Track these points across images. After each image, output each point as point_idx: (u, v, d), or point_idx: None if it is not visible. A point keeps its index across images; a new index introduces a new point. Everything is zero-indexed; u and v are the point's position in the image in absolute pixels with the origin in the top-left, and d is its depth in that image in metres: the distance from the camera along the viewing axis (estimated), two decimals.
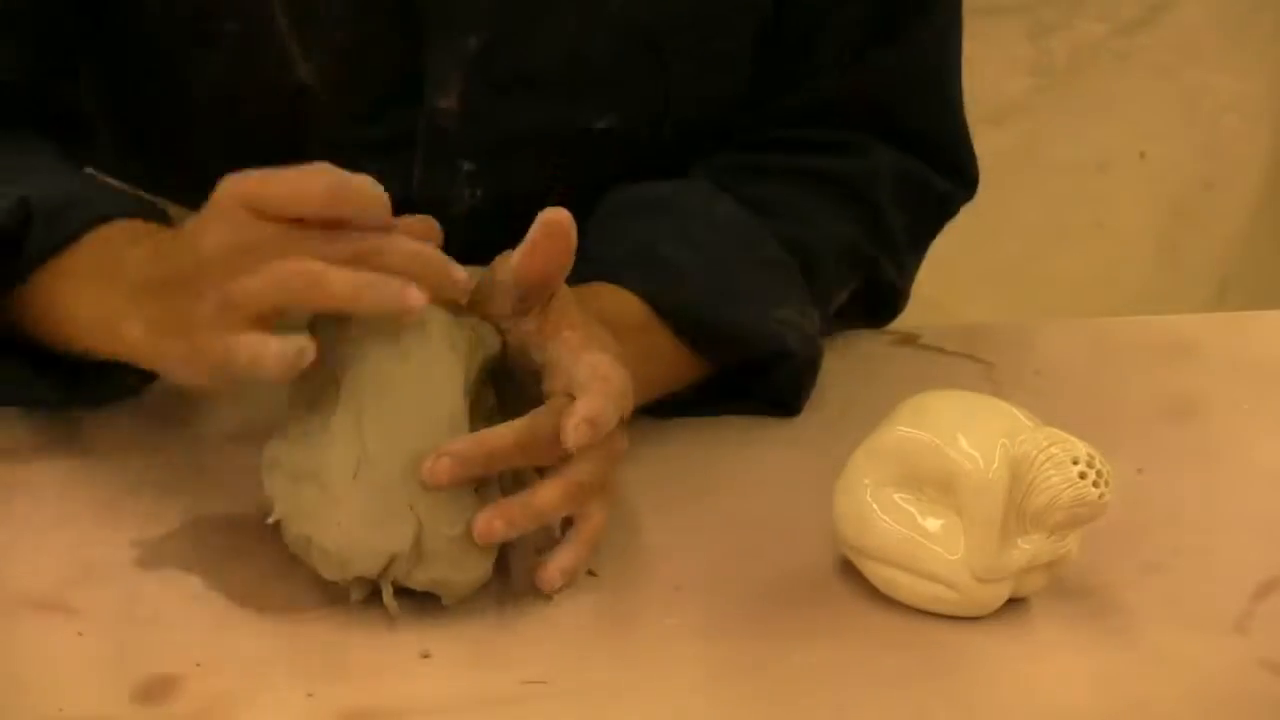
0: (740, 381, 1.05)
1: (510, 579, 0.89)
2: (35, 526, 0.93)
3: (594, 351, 0.89)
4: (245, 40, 1.05)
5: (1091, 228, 2.28)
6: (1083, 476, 0.85)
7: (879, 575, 0.89)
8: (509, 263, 0.90)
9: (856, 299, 1.12)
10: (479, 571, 0.87)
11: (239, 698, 0.82)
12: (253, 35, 1.05)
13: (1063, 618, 0.89)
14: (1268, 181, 2.31)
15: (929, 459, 0.87)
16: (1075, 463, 0.86)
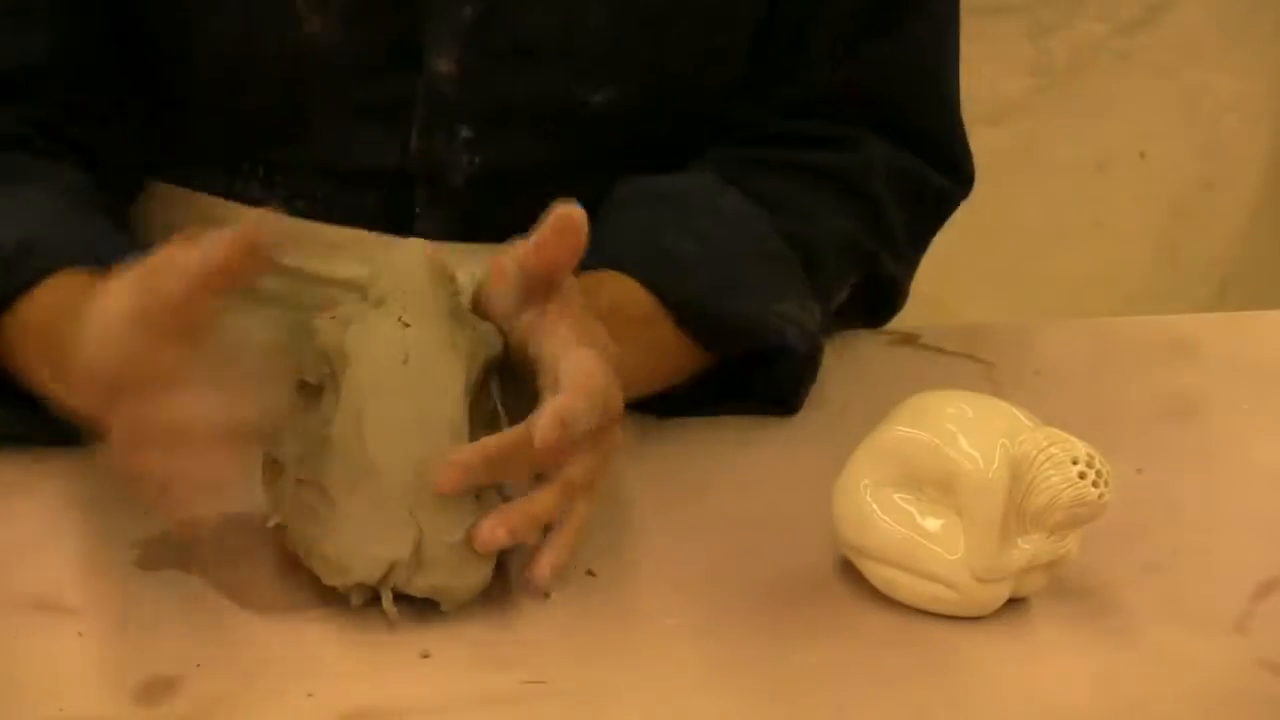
0: (740, 378, 1.05)
1: (509, 580, 0.89)
2: (35, 526, 0.93)
3: (582, 348, 0.88)
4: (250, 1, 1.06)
5: (1091, 228, 2.28)
6: (1082, 476, 0.85)
7: (879, 575, 0.89)
8: (515, 253, 0.90)
9: (857, 296, 1.13)
10: (478, 577, 0.87)
11: (239, 698, 0.82)
12: None
13: (1063, 618, 0.89)
14: (1268, 181, 2.31)
15: (929, 459, 0.87)
16: (1075, 463, 0.86)
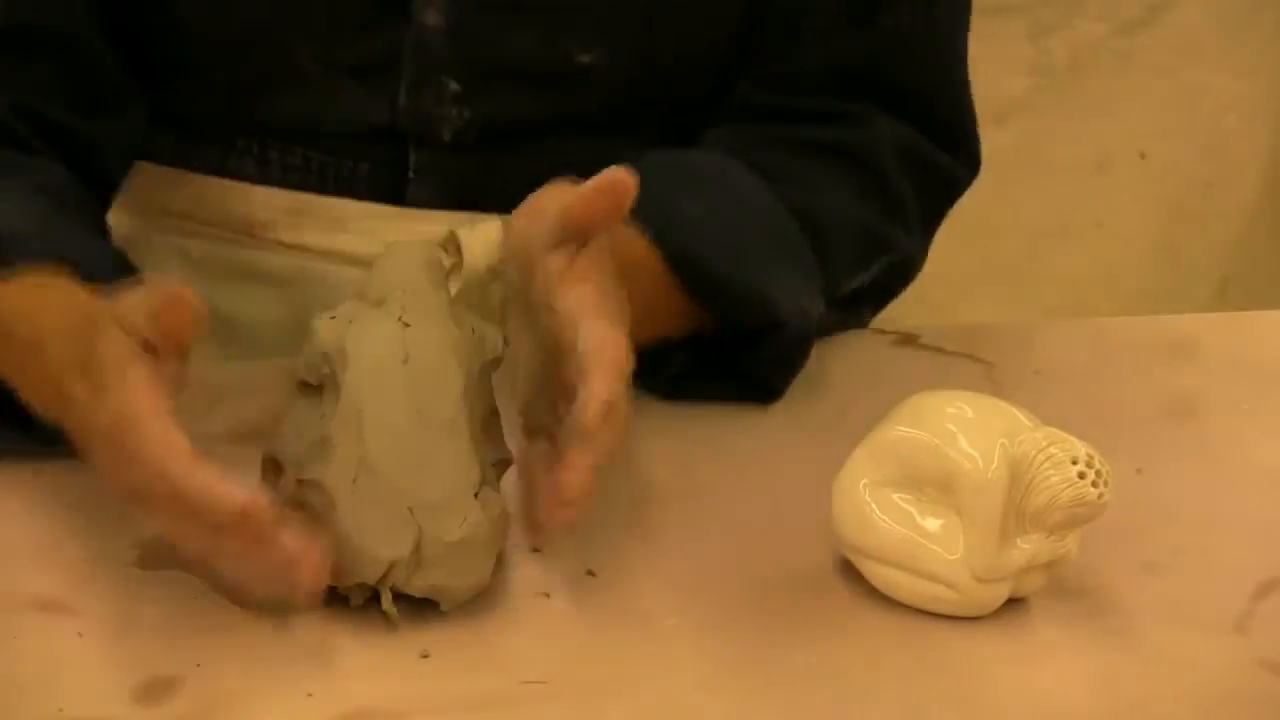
0: (727, 354, 1.04)
1: (509, 580, 0.89)
2: (35, 527, 0.93)
3: (602, 321, 0.87)
4: None
5: (1091, 228, 2.28)
6: (1082, 476, 0.85)
7: (879, 575, 0.89)
8: (559, 195, 0.90)
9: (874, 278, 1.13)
10: (477, 577, 0.87)
11: (239, 698, 0.82)
12: None
13: (1062, 618, 0.89)
14: (1268, 181, 2.31)
15: (928, 459, 0.87)
16: (1074, 463, 0.86)
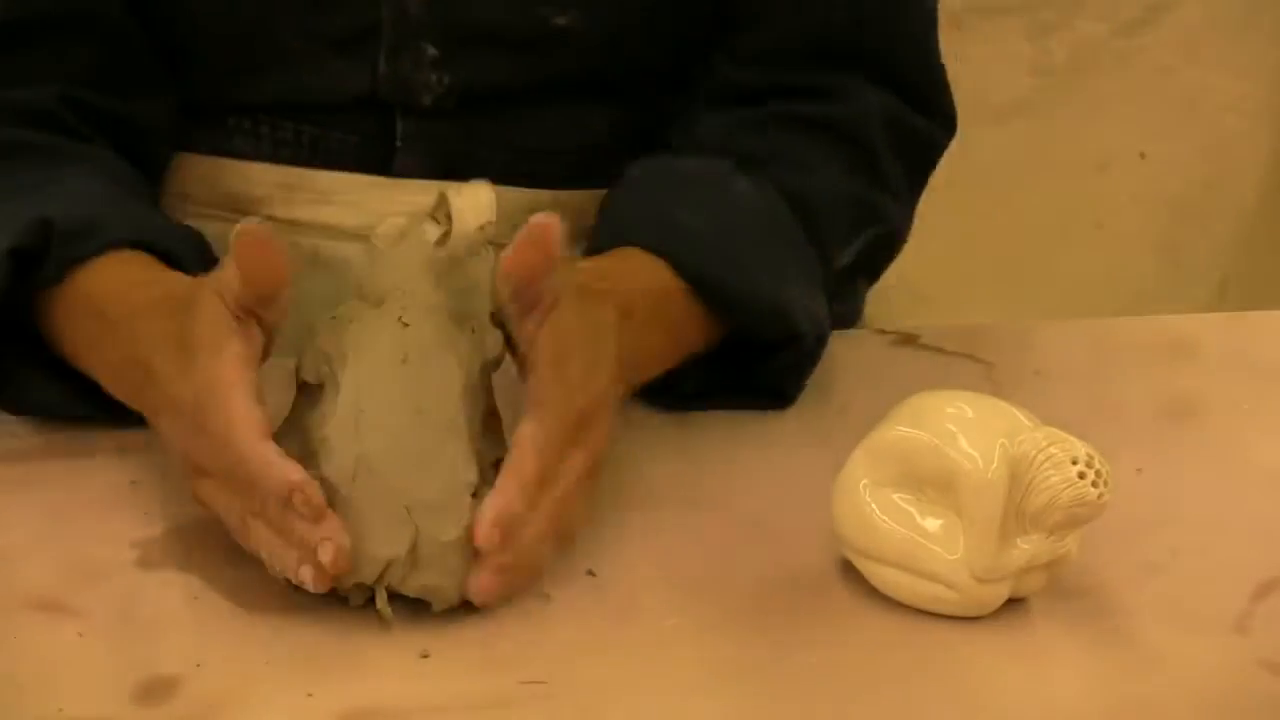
0: (738, 370, 1.04)
1: None
2: (35, 526, 0.93)
3: (534, 413, 0.87)
4: None
5: (1091, 228, 2.28)
6: (1082, 476, 0.85)
7: (879, 575, 0.89)
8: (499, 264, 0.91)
9: (861, 250, 1.13)
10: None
11: (239, 698, 0.82)
12: None
13: (1062, 618, 0.89)
14: (1268, 181, 2.31)
15: (928, 459, 0.87)
16: (1074, 463, 0.86)
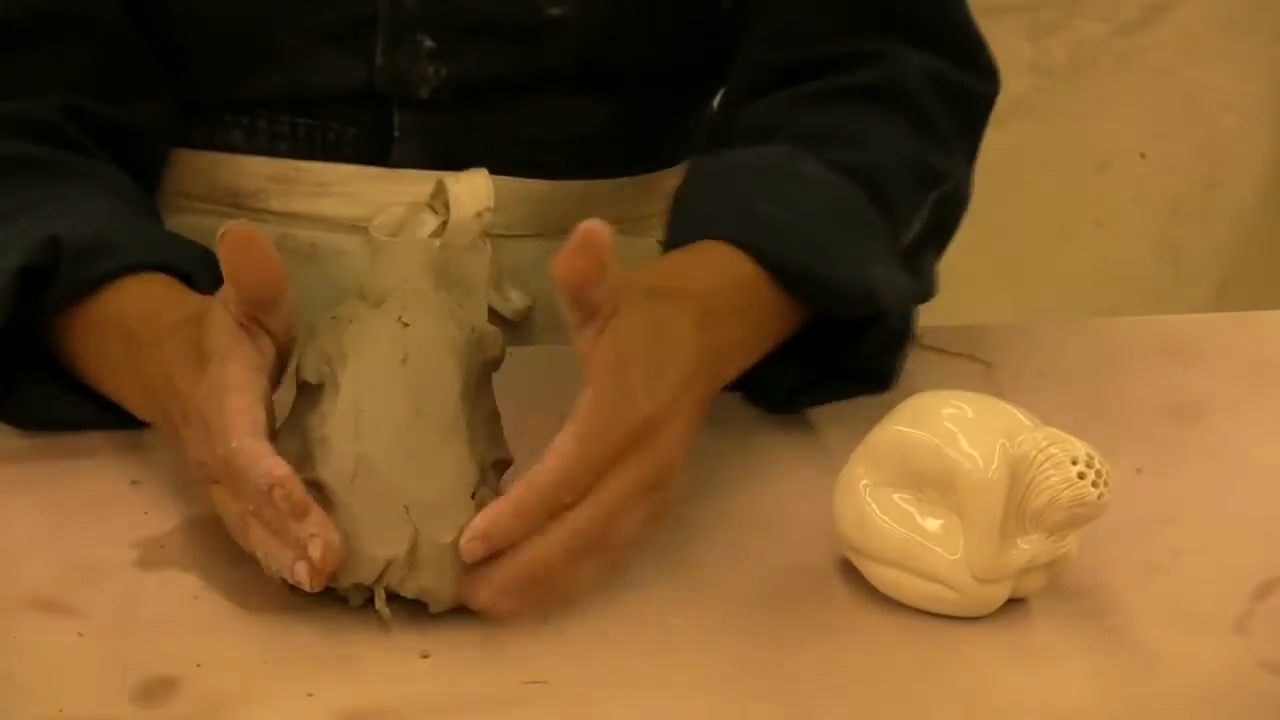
0: (832, 355, 1.02)
1: None
2: (35, 526, 0.93)
3: (572, 425, 0.85)
4: None
5: (1091, 228, 2.29)
6: (1082, 476, 0.85)
7: (879, 575, 0.89)
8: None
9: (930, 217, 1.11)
10: None
11: (239, 698, 0.82)
12: None
13: (1063, 618, 0.89)
14: (1268, 181, 2.32)
15: (928, 459, 0.87)
16: (1074, 463, 0.86)
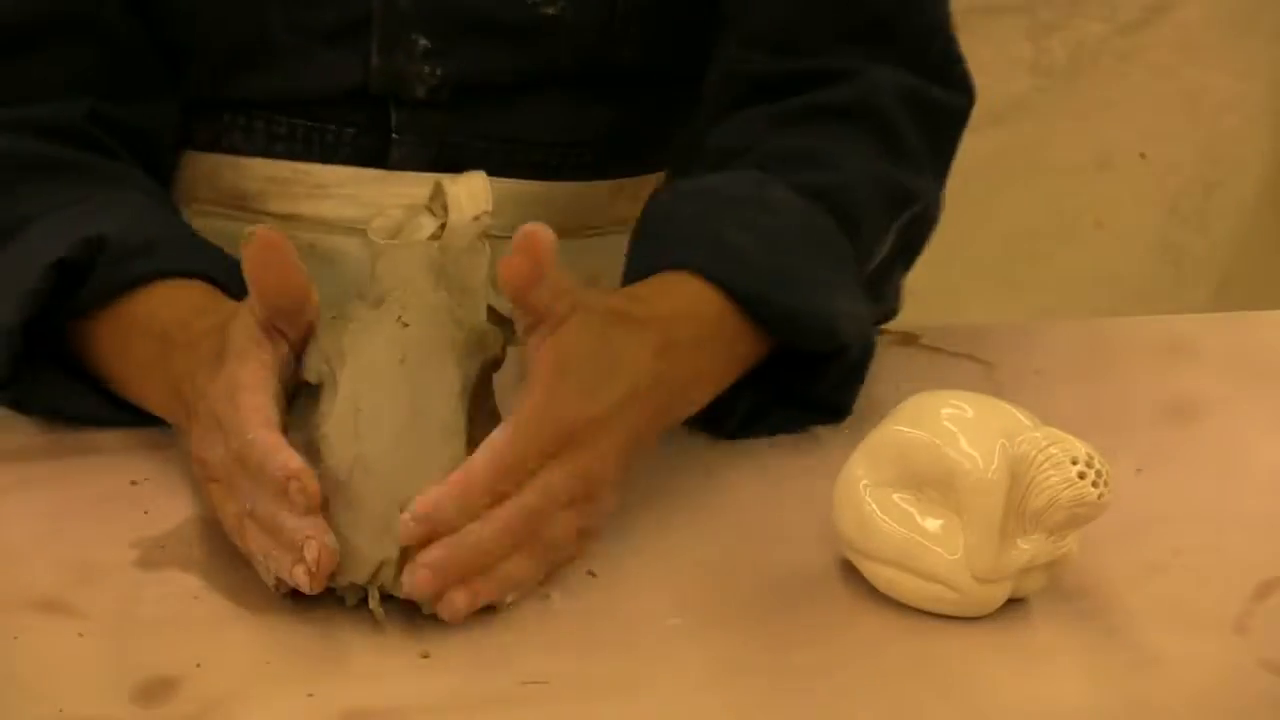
0: (790, 385, 1.03)
1: None
2: (35, 526, 0.93)
3: (508, 421, 0.86)
4: None
5: (1091, 228, 2.28)
6: (1082, 476, 0.85)
7: (879, 575, 0.89)
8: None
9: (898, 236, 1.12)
10: None
11: (239, 698, 0.82)
12: None
13: (1062, 618, 0.89)
14: (1268, 181, 2.31)
15: (928, 459, 0.87)
16: (1074, 463, 0.86)
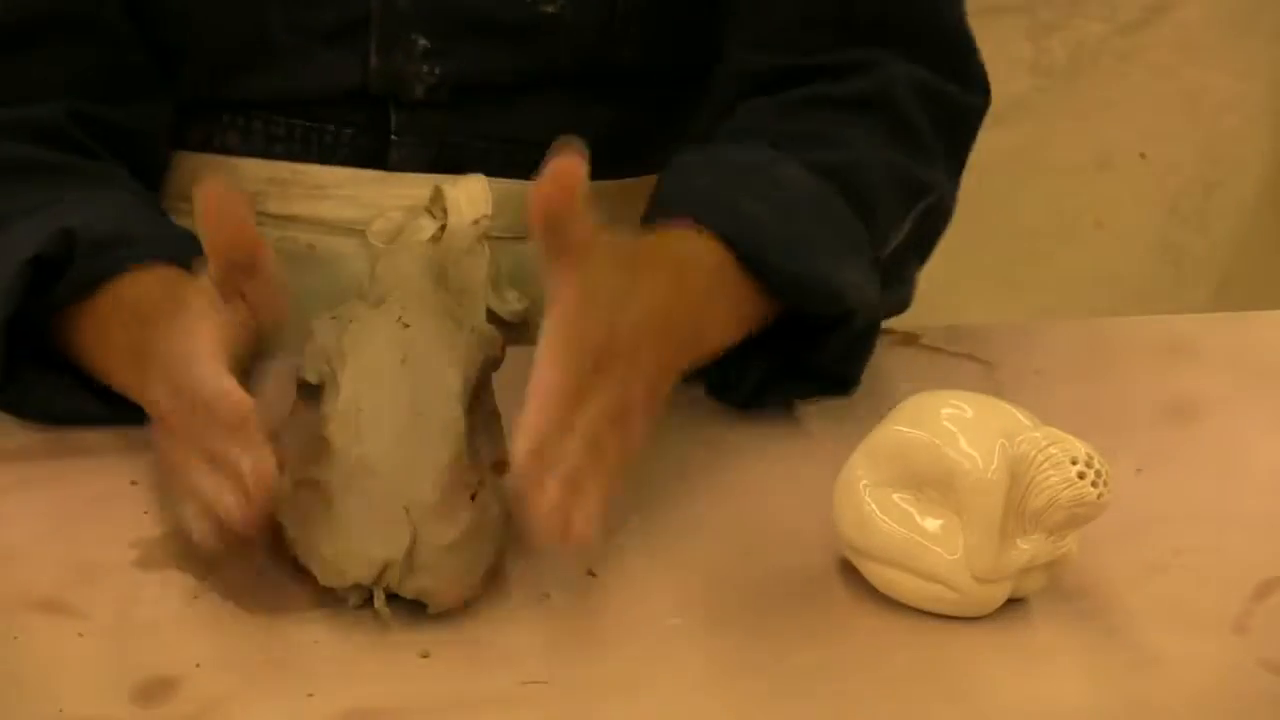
0: (799, 354, 1.03)
1: (508, 581, 0.89)
2: (35, 526, 0.93)
3: (546, 343, 0.86)
4: None
5: (1091, 228, 2.28)
6: (1081, 476, 0.85)
7: (879, 575, 0.89)
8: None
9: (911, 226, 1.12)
10: (468, 583, 0.86)
11: (239, 698, 0.82)
12: None
13: (1062, 618, 0.89)
14: (1268, 181, 2.31)
15: (928, 459, 0.87)
16: (1074, 463, 0.86)
